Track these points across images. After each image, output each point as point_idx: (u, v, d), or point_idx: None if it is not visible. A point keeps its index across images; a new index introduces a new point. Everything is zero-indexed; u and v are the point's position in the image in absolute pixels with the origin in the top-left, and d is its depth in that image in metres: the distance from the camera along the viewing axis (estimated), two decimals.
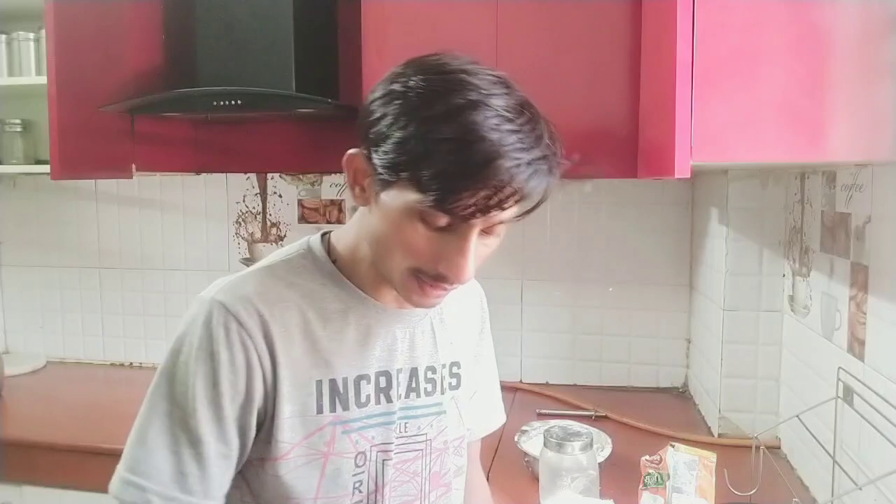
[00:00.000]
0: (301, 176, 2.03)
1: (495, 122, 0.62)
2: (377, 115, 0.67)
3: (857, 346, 1.10)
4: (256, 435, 0.74)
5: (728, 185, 1.48)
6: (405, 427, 0.81)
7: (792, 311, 1.42)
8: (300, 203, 2.05)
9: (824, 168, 1.24)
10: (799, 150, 0.94)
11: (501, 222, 0.68)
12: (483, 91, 0.64)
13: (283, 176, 2.05)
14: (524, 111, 0.66)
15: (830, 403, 1.14)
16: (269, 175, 2.05)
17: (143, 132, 1.87)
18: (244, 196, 2.08)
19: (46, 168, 1.66)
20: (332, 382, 0.75)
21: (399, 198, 0.67)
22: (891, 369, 0.99)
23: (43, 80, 1.64)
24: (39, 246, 2.19)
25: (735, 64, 0.92)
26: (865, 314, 1.07)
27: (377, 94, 0.69)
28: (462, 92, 0.63)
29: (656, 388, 1.88)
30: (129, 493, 0.69)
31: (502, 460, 1.41)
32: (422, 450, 0.83)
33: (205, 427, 0.70)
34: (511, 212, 0.67)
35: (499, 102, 0.64)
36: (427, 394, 0.83)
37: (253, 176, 2.06)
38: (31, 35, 1.82)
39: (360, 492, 0.77)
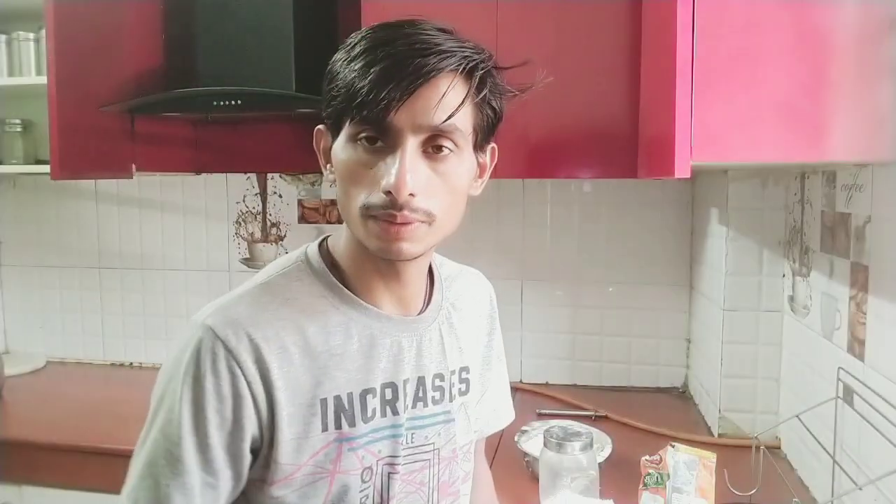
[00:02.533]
0: (301, 176, 2.03)
1: (406, 30, 0.67)
2: (326, 81, 0.71)
3: (857, 346, 1.10)
4: (255, 460, 0.72)
5: (728, 185, 1.48)
6: (412, 438, 0.78)
7: (792, 311, 1.42)
8: (300, 203, 2.05)
9: (824, 168, 1.24)
10: (799, 150, 0.94)
11: (436, 130, 0.67)
12: (403, 20, 0.68)
13: (283, 176, 2.05)
14: (444, 29, 0.69)
15: (830, 403, 1.14)
16: (269, 175, 2.05)
17: (143, 132, 1.87)
18: (244, 196, 2.08)
19: (46, 168, 1.65)
20: (337, 399, 0.73)
21: (342, 141, 0.70)
22: (891, 369, 0.99)
23: (43, 80, 1.64)
24: (39, 246, 2.19)
25: (735, 64, 0.92)
26: (865, 314, 1.07)
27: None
28: (382, 24, 0.69)
29: (656, 388, 1.88)
30: None
31: (502, 460, 1.41)
32: (429, 459, 0.80)
33: (189, 456, 0.68)
34: (430, 112, 0.66)
35: (414, 23, 0.68)
36: (435, 402, 0.81)
37: (253, 176, 2.06)
38: (31, 35, 1.82)
39: None
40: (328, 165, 0.75)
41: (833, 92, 0.92)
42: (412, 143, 0.67)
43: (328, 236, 0.82)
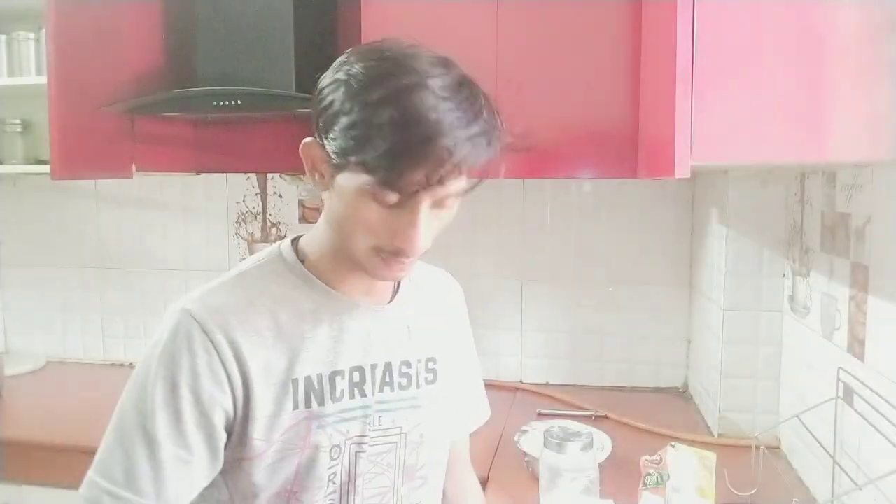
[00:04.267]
0: (301, 176, 2.03)
1: (432, 102, 0.65)
2: (325, 103, 0.71)
3: (857, 346, 1.10)
4: (230, 439, 0.75)
5: (728, 185, 1.48)
6: (379, 420, 0.82)
7: (792, 311, 1.42)
8: (300, 203, 2.05)
9: (824, 168, 1.24)
10: (799, 150, 0.94)
11: (449, 196, 0.71)
12: (420, 72, 0.67)
13: (283, 176, 2.05)
14: (462, 89, 0.69)
15: (830, 403, 1.14)
16: (269, 175, 2.05)
17: (143, 132, 1.87)
18: (244, 196, 2.08)
19: (46, 168, 1.65)
20: (308, 379, 0.77)
21: (351, 180, 0.70)
22: (891, 369, 0.99)
23: (43, 80, 1.64)
24: (39, 246, 2.19)
25: (735, 64, 0.92)
26: (865, 314, 1.07)
27: (324, 82, 0.72)
28: (400, 75, 0.67)
29: (656, 388, 1.88)
30: (87, 489, 0.72)
31: (502, 460, 1.41)
32: (396, 442, 0.84)
33: (161, 430, 0.71)
34: (457, 185, 0.70)
35: (436, 83, 0.67)
36: (401, 388, 0.85)
37: (253, 176, 2.06)
38: (31, 35, 1.82)
39: (334, 483, 0.79)
40: (317, 175, 0.77)
41: (833, 92, 0.92)
42: (426, 206, 0.70)
43: (301, 235, 0.86)
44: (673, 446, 1.10)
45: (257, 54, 1.64)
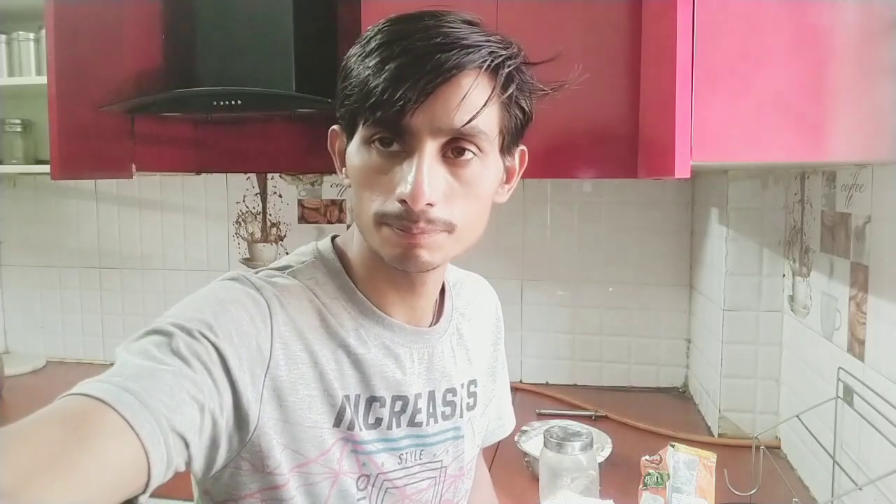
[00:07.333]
0: (301, 176, 2.03)
1: (419, 22, 0.61)
2: (340, 78, 0.66)
3: (857, 346, 1.10)
4: (263, 452, 0.63)
5: (728, 185, 1.48)
6: (420, 455, 0.74)
7: (792, 311, 1.42)
8: (300, 203, 2.05)
9: (824, 168, 1.24)
10: (799, 150, 0.94)
11: (458, 134, 0.61)
12: (417, 14, 0.62)
13: (283, 176, 2.05)
14: (466, 22, 0.63)
15: (830, 403, 1.14)
16: (269, 175, 2.05)
17: (143, 132, 1.87)
18: (244, 196, 2.08)
19: (46, 168, 1.65)
20: (346, 398, 0.68)
21: (356, 141, 0.65)
22: (891, 369, 0.99)
23: (43, 80, 1.64)
24: (39, 246, 2.19)
25: (735, 64, 0.92)
26: (865, 314, 1.07)
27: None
28: (395, 20, 0.63)
29: (656, 388, 1.88)
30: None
31: (502, 460, 1.41)
32: (435, 477, 0.77)
33: (182, 345, 0.57)
34: (451, 114, 0.60)
35: (432, 14, 0.62)
36: (445, 417, 0.77)
37: (253, 176, 2.06)
38: (31, 35, 1.82)
39: None
40: (343, 169, 0.70)
41: (833, 92, 0.92)
42: (431, 148, 0.61)
43: (336, 236, 0.77)
44: (673, 446, 1.10)
45: (257, 54, 1.65)
